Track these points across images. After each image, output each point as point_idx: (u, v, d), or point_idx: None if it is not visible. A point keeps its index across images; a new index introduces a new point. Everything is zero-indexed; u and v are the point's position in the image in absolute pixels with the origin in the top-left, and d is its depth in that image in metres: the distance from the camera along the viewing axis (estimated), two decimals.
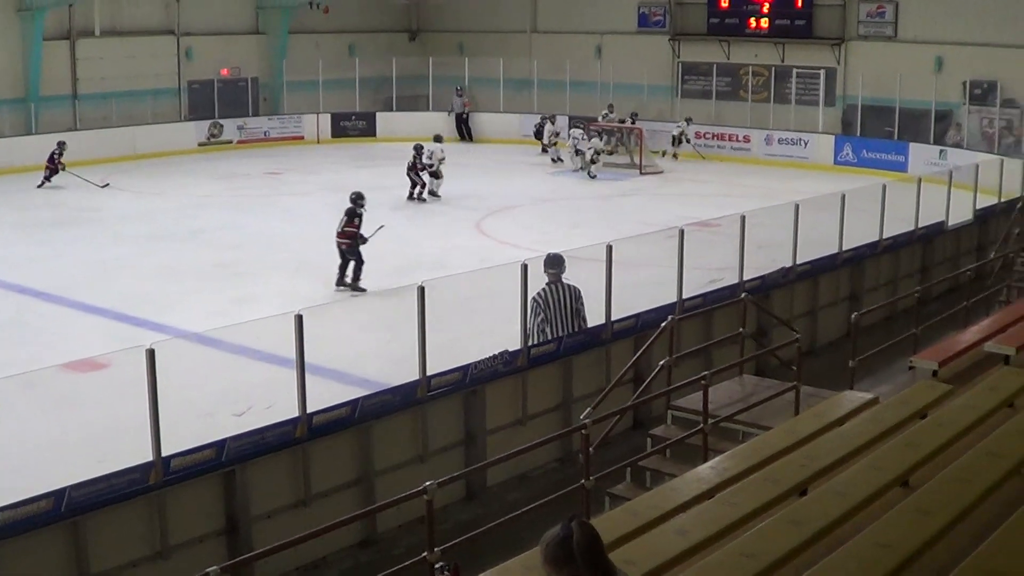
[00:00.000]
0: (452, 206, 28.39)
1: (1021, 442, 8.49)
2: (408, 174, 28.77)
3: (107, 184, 30.38)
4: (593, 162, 33.00)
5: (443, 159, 29.13)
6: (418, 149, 28.76)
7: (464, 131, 41.97)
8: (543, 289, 13.20)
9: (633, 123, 36.06)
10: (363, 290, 19.29)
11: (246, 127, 39.70)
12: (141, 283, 20.29)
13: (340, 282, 19.48)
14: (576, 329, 13.45)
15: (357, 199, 19.83)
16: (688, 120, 37.27)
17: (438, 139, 29.96)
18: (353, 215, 19.58)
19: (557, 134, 37.28)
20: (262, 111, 41.11)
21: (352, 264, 19.43)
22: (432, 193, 29.02)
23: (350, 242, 19.38)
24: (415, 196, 28.76)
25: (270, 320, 13.07)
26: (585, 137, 34.48)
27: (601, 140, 33.96)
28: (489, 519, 9.49)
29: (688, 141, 37.08)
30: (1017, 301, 16.04)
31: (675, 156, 36.78)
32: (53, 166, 30.44)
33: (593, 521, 5.66)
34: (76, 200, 28.86)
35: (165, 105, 38.38)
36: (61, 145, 30.73)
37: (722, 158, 37.10)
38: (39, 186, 30.30)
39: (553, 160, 36.00)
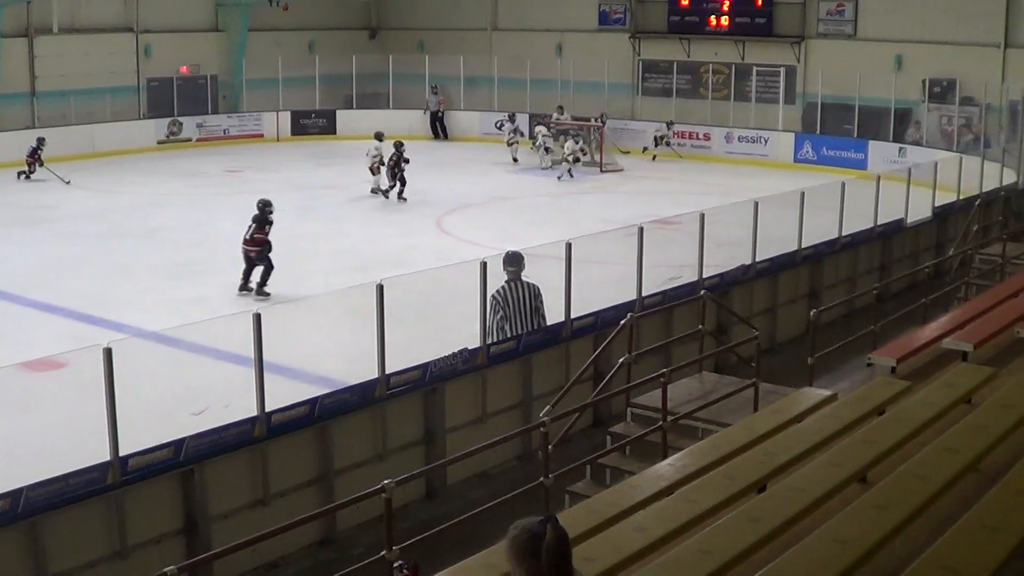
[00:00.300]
0: (413, 203, 28.29)
1: (978, 438, 8.55)
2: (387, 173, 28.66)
3: (68, 181, 30.25)
4: (565, 160, 32.87)
5: (379, 156, 28.95)
6: (398, 147, 28.56)
7: (439, 129, 41.94)
8: (502, 287, 13.17)
9: (603, 124, 36.02)
10: (267, 294, 19.10)
11: (205, 125, 39.52)
12: (99, 282, 20.16)
13: (244, 287, 19.31)
14: (536, 327, 13.44)
15: (266, 207, 19.60)
16: (670, 124, 37.34)
17: (379, 136, 29.72)
18: (263, 222, 19.41)
19: (517, 131, 37.12)
20: (222, 109, 40.88)
21: (261, 270, 19.29)
22: (375, 191, 28.93)
23: (259, 249, 19.26)
24: (400, 195, 28.63)
25: (228, 319, 13.00)
26: (550, 135, 34.44)
27: (577, 143, 33.81)
28: (449, 517, 9.43)
29: (667, 143, 37.16)
30: (975, 298, 16.11)
31: (654, 157, 36.88)
32: (33, 161, 30.51)
33: None
34: (35, 198, 28.64)
35: (124, 103, 38.08)
36: (41, 141, 31.14)
37: (707, 158, 37.15)
38: (19, 175, 30.73)
39: (515, 159, 35.95)
